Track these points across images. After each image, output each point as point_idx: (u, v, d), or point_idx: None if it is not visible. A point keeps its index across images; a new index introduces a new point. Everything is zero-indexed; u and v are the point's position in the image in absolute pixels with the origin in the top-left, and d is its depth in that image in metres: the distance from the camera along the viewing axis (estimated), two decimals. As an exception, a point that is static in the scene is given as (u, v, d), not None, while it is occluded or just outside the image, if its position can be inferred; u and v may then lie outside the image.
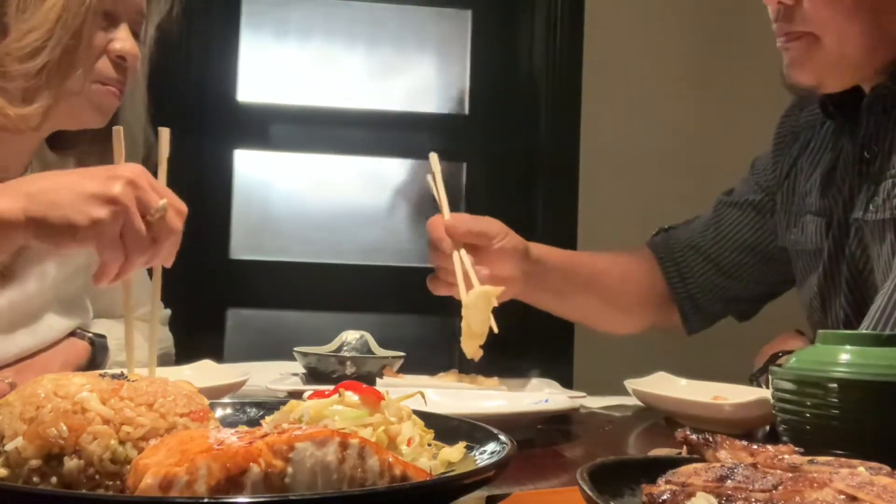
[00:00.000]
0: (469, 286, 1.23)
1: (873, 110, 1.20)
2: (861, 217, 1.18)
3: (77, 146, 1.26)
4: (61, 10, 1.07)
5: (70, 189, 0.87)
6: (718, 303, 1.52)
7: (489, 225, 1.33)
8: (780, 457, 0.56)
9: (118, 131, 0.89)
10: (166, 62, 1.31)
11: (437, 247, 1.29)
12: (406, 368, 1.33)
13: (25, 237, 0.89)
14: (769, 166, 1.46)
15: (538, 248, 1.43)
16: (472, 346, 1.23)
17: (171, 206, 0.89)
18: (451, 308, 1.28)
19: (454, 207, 1.37)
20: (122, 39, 1.15)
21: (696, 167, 2.64)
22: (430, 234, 1.30)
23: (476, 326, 1.22)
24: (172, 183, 0.93)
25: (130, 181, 0.87)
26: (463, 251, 1.27)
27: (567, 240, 2.60)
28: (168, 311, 1.50)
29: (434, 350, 2.68)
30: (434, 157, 1.33)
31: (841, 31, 1.16)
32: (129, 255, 0.87)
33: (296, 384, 1.20)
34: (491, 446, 0.66)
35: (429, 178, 1.35)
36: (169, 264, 0.91)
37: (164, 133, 0.89)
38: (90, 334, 1.26)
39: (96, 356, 1.25)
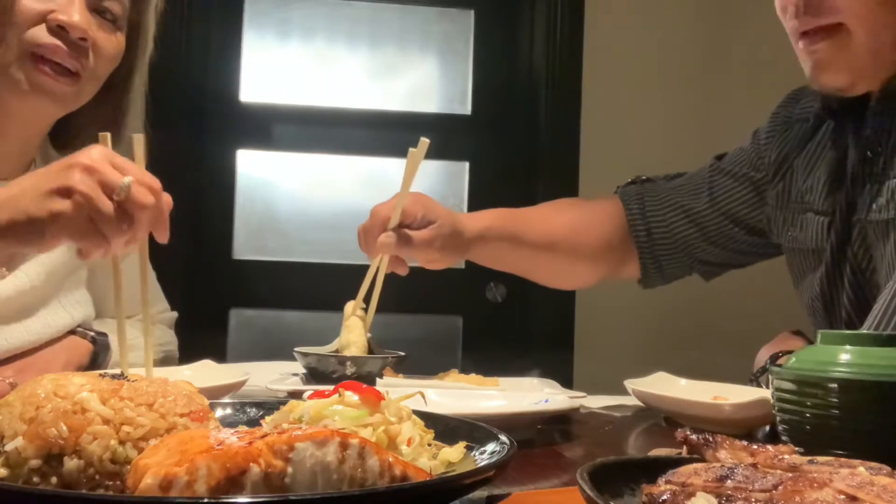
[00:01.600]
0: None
1: (880, 111, 1.19)
2: (864, 217, 1.18)
3: (81, 143, 1.26)
4: None
5: (31, 189, 0.86)
6: (683, 263, 1.51)
7: (417, 246, 1.31)
8: (780, 457, 0.56)
9: (105, 137, 0.89)
10: (169, 62, 1.31)
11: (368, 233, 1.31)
12: (406, 368, 1.33)
13: (2, 246, 0.89)
14: (762, 148, 1.45)
15: (479, 221, 1.43)
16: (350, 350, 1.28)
17: (139, 182, 0.86)
18: (452, 307, 1.28)
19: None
20: (64, 10, 1.12)
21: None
22: (372, 225, 1.30)
23: (354, 334, 1.28)
24: (175, 182, 0.93)
25: (87, 167, 0.86)
26: (384, 262, 1.30)
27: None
28: (174, 314, 1.50)
29: (434, 350, 2.68)
30: (423, 144, 1.32)
31: (872, 19, 1.12)
32: (108, 238, 0.86)
33: (296, 384, 1.20)
34: (491, 446, 0.66)
35: (410, 153, 1.31)
36: (164, 240, 0.89)
37: (139, 140, 0.89)
38: (92, 333, 1.26)
39: (98, 355, 1.25)
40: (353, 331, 1.29)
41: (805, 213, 1.33)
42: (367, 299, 1.32)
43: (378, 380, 1.16)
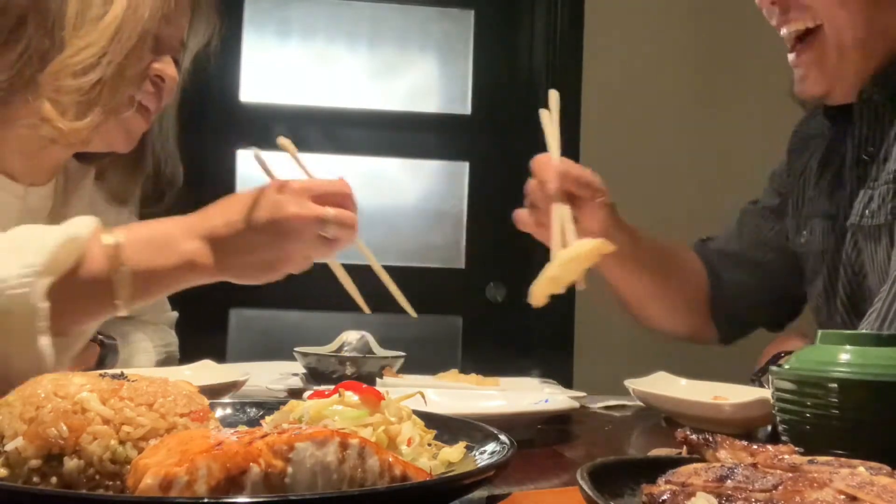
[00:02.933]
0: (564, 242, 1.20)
1: (864, 116, 1.21)
2: (857, 222, 1.19)
3: (100, 156, 1.28)
4: (117, 29, 1.10)
5: (252, 243, 1.00)
6: (748, 309, 1.50)
7: (594, 178, 1.29)
8: (780, 457, 0.55)
9: (258, 155, 1.09)
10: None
11: (539, 188, 1.28)
12: (406, 368, 1.34)
13: (219, 279, 1.02)
14: (784, 174, 1.47)
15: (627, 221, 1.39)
16: (543, 293, 1.18)
17: (336, 200, 1.06)
18: (452, 307, 1.29)
19: (457, 206, 1.37)
20: (164, 62, 1.19)
21: (696, 167, 2.64)
22: (537, 173, 1.28)
23: (566, 277, 1.17)
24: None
25: (300, 218, 1.01)
26: (565, 207, 1.24)
27: (568, 240, 2.61)
28: (175, 314, 1.50)
29: (434, 350, 2.68)
30: (554, 95, 1.31)
31: (836, 17, 1.16)
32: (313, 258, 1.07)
33: (296, 384, 1.20)
34: (491, 446, 0.66)
35: (542, 114, 1.31)
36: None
37: (287, 142, 1.11)
38: (101, 336, 1.26)
39: (106, 357, 1.26)
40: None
41: (814, 217, 1.34)
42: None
43: (378, 380, 1.16)
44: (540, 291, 1.15)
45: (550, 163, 1.26)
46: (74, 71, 1.08)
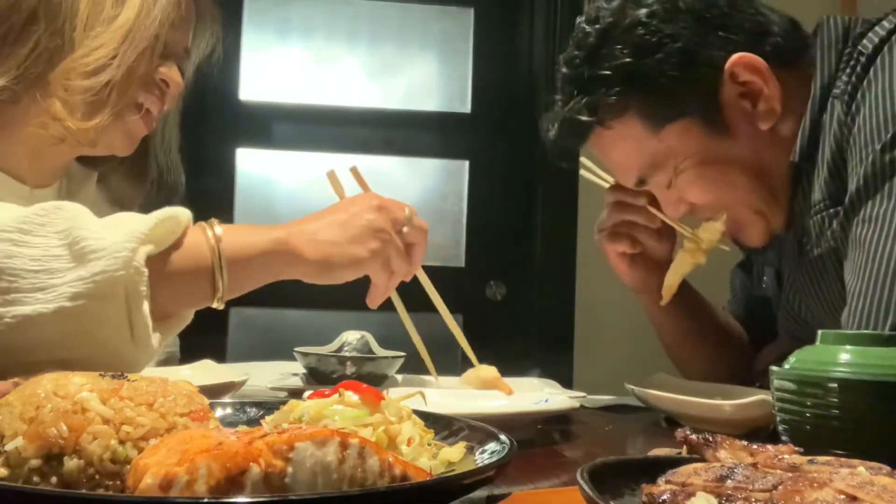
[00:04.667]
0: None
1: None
2: (797, 259, 1.19)
3: (103, 161, 1.28)
4: (128, 31, 1.10)
5: (344, 233, 1.02)
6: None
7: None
8: (780, 457, 0.56)
9: (332, 174, 1.21)
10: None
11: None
12: (406, 368, 1.33)
13: (306, 274, 1.03)
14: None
15: None
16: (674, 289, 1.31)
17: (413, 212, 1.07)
18: (451, 306, 1.29)
19: (457, 205, 1.37)
20: (170, 67, 1.19)
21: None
22: (621, 196, 1.35)
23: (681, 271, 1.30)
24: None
25: (381, 207, 1.05)
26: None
27: (567, 240, 2.60)
28: None
29: (434, 349, 2.67)
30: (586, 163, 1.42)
31: (728, 206, 1.20)
32: (394, 271, 1.07)
33: (296, 384, 1.20)
34: (491, 446, 0.66)
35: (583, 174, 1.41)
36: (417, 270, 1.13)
37: (356, 171, 1.20)
38: None
39: None
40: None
41: (766, 265, 1.38)
42: None
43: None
44: (673, 286, 1.29)
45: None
46: (85, 71, 1.08)
